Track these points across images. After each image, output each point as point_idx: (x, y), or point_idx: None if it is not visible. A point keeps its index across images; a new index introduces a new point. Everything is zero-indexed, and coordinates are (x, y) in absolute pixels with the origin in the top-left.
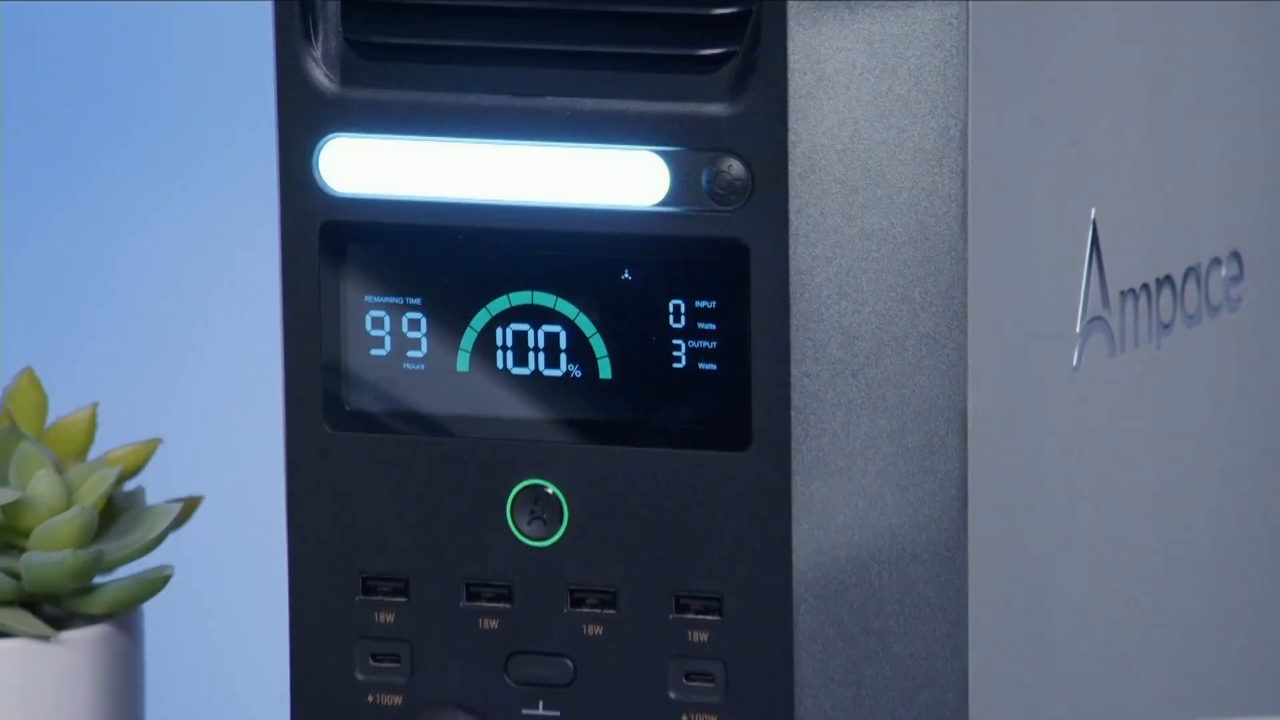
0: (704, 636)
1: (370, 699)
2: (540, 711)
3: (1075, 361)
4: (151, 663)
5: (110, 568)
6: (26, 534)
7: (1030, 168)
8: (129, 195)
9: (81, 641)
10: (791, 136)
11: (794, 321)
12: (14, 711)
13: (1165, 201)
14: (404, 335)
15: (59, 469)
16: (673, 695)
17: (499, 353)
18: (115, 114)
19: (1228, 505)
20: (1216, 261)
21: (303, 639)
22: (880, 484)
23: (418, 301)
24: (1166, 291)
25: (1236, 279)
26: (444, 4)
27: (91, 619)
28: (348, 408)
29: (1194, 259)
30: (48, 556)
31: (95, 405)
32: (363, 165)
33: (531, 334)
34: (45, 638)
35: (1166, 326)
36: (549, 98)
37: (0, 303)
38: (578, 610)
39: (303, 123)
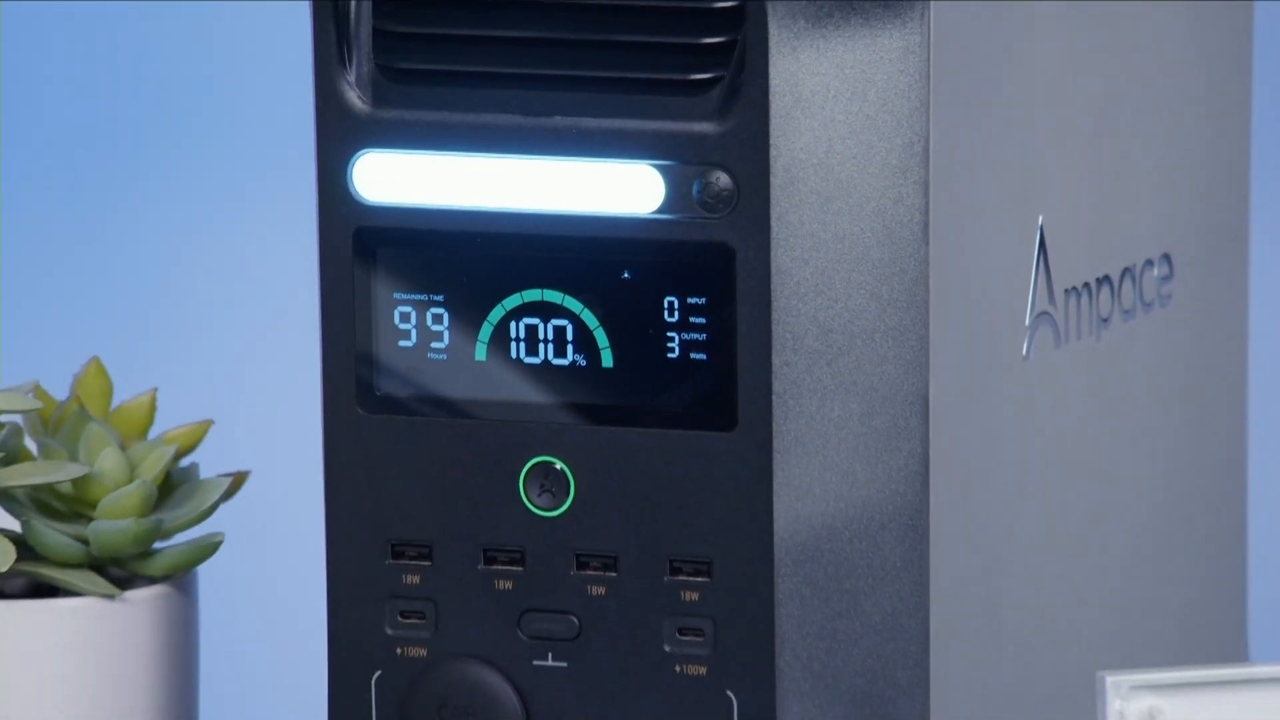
0: (695, 596)
1: (398, 651)
2: (549, 662)
3: (1025, 352)
4: (204, 619)
5: (168, 534)
6: (94, 505)
7: (984, 179)
8: (184, 203)
9: (142, 600)
10: (773, 152)
11: (775, 316)
12: (83, 661)
13: (1104, 209)
14: (428, 328)
15: (122, 447)
16: (667, 648)
17: (512, 344)
18: (175, 129)
19: (1159, 479)
20: (1150, 263)
21: (338, 598)
22: (851, 461)
23: (440, 298)
24: (1105, 289)
25: (1167, 278)
26: (464, 34)
27: (151, 580)
28: (378, 393)
29: (1130, 260)
30: (113, 524)
31: (154, 391)
32: (392, 177)
33: (541, 327)
34: (111, 596)
35: (1105, 321)
36: (557, 117)
37: (70, 299)
38: (582, 573)
39: (338, 139)
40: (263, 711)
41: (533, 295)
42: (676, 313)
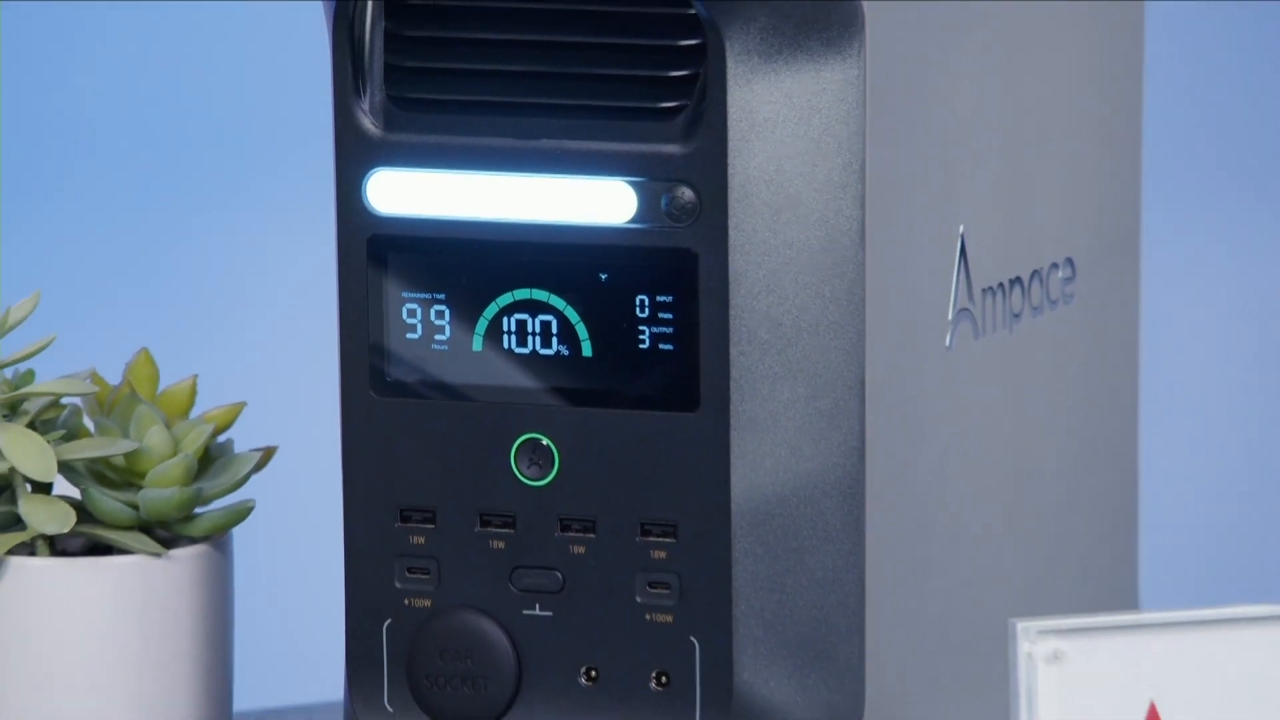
0: (663, 555)
1: (406, 603)
2: (537, 612)
3: (948, 343)
4: (238, 574)
5: (207, 501)
6: (143, 475)
7: (912, 194)
8: (223, 217)
9: (185, 558)
10: (730, 170)
11: (732, 312)
12: (133, 612)
13: (1015, 219)
14: (431, 323)
15: (167, 425)
16: (639, 599)
17: (505, 336)
18: (220, 155)
19: (1063, 452)
20: (1055, 265)
21: (354, 556)
22: (798, 437)
23: (442, 297)
24: (1017, 289)
25: (1070, 279)
26: (464, 68)
27: (192, 540)
28: (388, 379)
29: (1037, 263)
30: (159, 492)
31: (195, 377)
32: (400, 192)
33: (530, 321)
34: (157, 554)
35: (1016, 316)
36: (544, 140)
37: (124, 298)
38: (566, 534)
39: (354, 159)
40: (290, 654)
41: (522, 294)
42: (647, 309)
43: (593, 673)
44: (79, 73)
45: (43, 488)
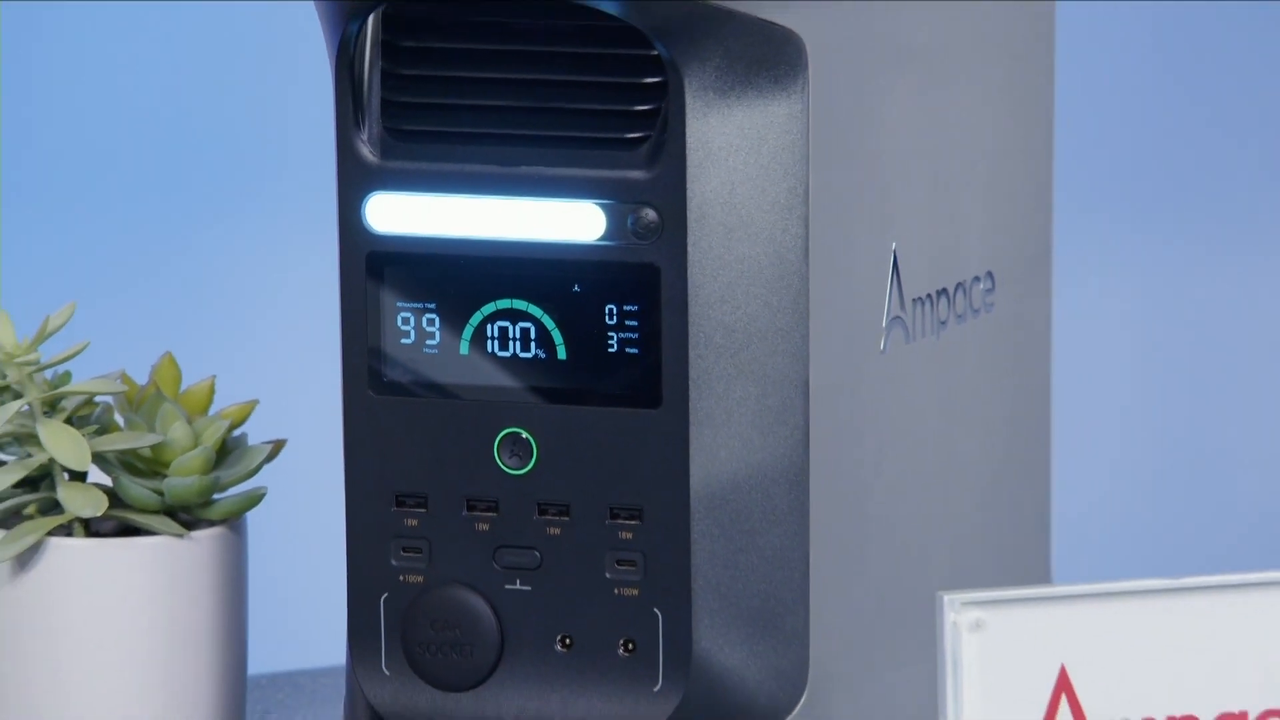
0: (629, 535)
1: (401, 579)
2: (518, 586)
3: (882, 347)
4: (252, 553)
5: (223, 488)
6: (167, 465)
7: (850, 214)
8: (237, 232)
9: (205, 538)
10: (689, 193)
11: (690, 320)
12: (159, 586)
13: (942, 237)
14: (423, 329)
15: (189, 421)
16: (608, 575)
17: (488, 341)
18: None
19: (984, 442)
20: (976, 278)
21: (354, 537)
22: (749, 431)
23: (433, 306)
24: (943, 299)
25: (990, 290)
26: (452, 103)
27: (211, 523)
28: (385, 380)
29: (961, 277)
30: (182, 480)
31: (213, 378)
32: (396, 213)
33: (511, 328)
34: (180, 535)
35: (943, 323)
36: (523, 166)
37: (149, 306)
38: (543, 517)
39: (354, 184)
40: (297, 625)
41: (504, 303)
42: (615, 317)
43: (567, 640)
44: (100, 87)
45: (78, 476)
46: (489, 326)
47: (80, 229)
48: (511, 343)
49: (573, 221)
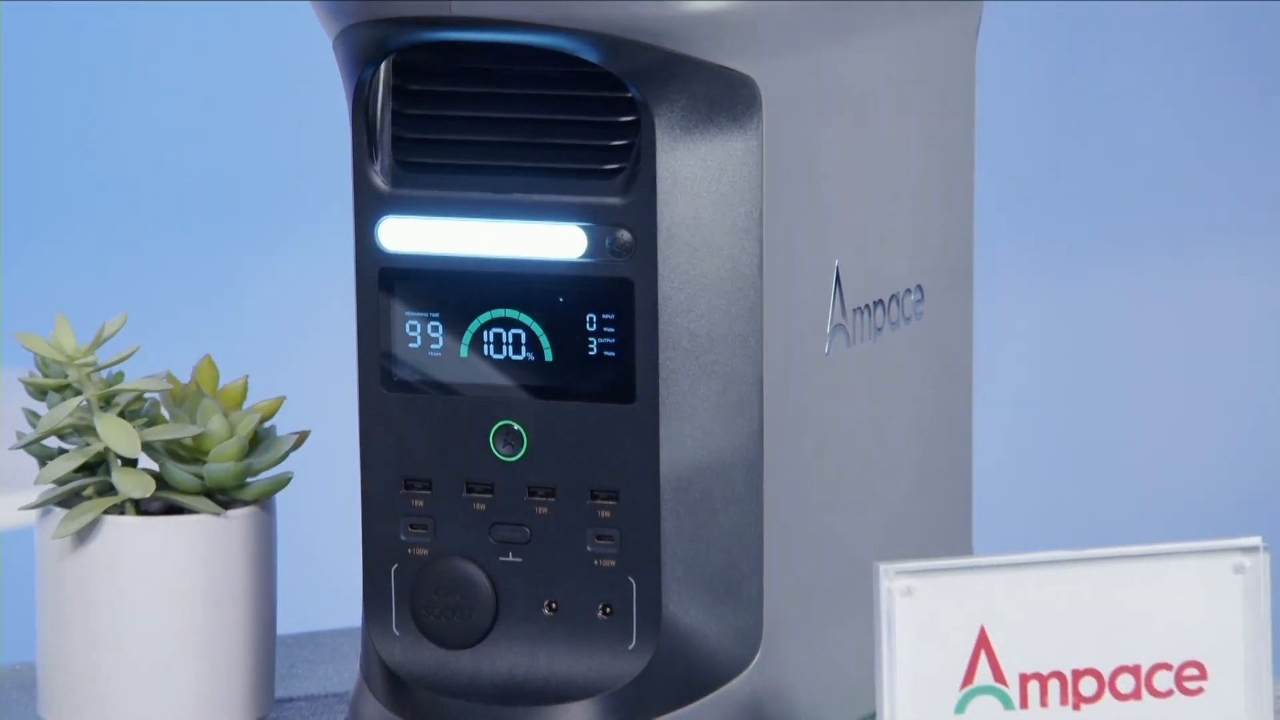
0: (607, 514)
1: (409, 551)
2: (510, 558)
3: (827, 350)
4: (280, 529)
5: (255, 473)
6: (206, 453)
7: (798, 235)
8: (269, 249)
9: (239, 517)
10: (659, 217)
11: (660, 326)
12: (200, 558)
13: (877, 255)
14: (429, 334)
15: (225, 414)
16: (589, 549)
17: (485, 345)
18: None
19: (914, 433)
20: (908, 291)
21: (369, 515)
22: (711, 423)
23: (436, 315)
24: (880, 309)
25: (919, 301)
26: (453, 139)
27: (245, 503)
28: (395, 378)
29: (895, 289)
30: (220, 466)
31: (246, 377)
32: (404, 235)
33: (504, 334)
34: (218, 514)
35: (879, 330)
36: (515, 194)
37: (191, 313)
38: (532, 499)
39: (368, 209)
40: (319, 592)
41: (499, 313)
42: (595, 324)
43: (553, 605)
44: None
45: (130, 462)
46: (485, 332)
47: (132, 247)
48: (505, 346)
49: (557, 241)
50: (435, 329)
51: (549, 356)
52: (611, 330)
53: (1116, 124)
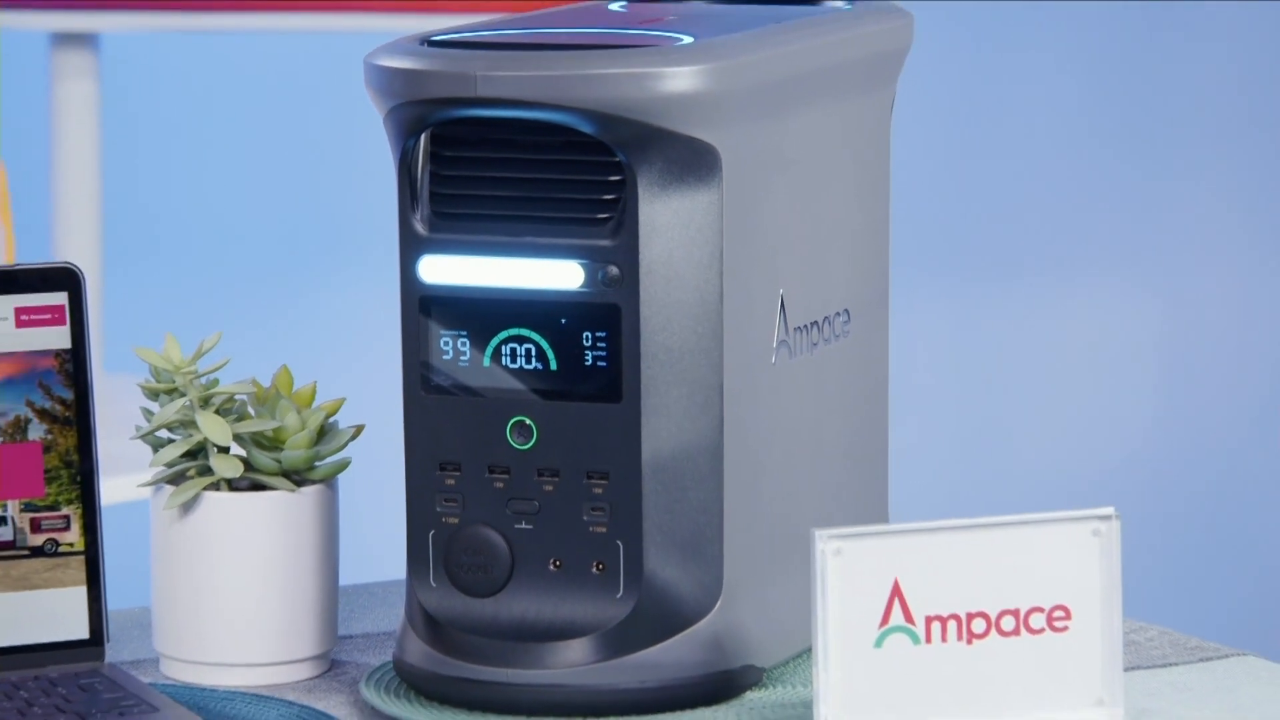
0: (600, 491)
1: (443, 520)
2: (524, 526)
3: (774, 361)
4: (343, 503)
5: (322, 458)
6: (283, 442)
7: (751, 270)
8: (332, 281)
9: (310, 493)
10: (640, 256)
11: (641, 342)
12: (279, 526)
13: (813, 284)
14: (458, 348)
15: (298, 412)
16: (585, 519)
17: (503, 357)
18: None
19: (842, 427)
20: (838, 313)
21: (412, 492)
22: (682, 419)
23: (465, 333)
24: (815, 328)
25: (846, 321)
26: (479, 194)
27: (314, 482)
28: (432, 383)
29: (828, 312)
30: (294, 453)
31: (315, 382)
32: (440, 270)
33: (519, 348)
34: (293, 491)
35: (815, 345)
36: (528, 237)
37: (273, 333)
38: (541, 479)
39: (410, 249)
40: (373, 554)
41: (514, 331)
42: (590, 340)
43: (558, 562)
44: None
45: (224, 450)
46: (504, 347)
47: (223, 276)
48: (519, 358)
49: (560, 275)
50: (464, 344)
51: (554, 366)
52: (603, 345)
53: (1006, 171)
